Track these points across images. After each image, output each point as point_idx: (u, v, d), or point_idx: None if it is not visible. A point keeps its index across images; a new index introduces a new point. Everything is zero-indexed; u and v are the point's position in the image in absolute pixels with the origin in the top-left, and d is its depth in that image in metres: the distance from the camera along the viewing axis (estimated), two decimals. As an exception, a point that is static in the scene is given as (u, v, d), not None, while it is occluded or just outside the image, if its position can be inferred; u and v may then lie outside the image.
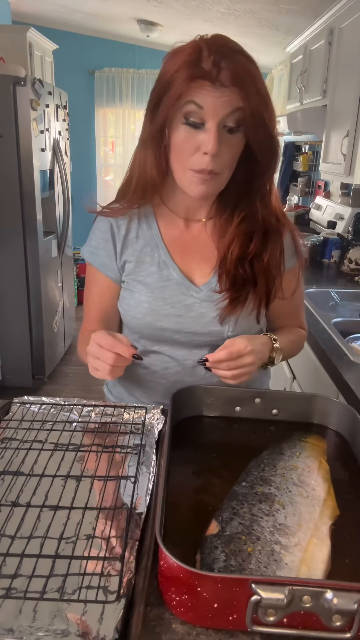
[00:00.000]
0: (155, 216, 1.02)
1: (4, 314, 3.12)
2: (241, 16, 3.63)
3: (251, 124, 0.85)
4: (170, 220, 1.02)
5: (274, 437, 0.91)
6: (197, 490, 0.76)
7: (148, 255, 1.01)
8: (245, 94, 0.82)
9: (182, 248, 1.02)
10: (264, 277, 0.98)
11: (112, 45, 5.85)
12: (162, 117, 0.86)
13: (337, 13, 2.36)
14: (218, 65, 0.80)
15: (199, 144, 0.85)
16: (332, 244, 2.67)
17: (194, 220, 1.02)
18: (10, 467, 0.79)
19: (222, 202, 0.99)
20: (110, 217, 1.01)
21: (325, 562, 0.63)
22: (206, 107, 0.82)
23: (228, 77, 0.80)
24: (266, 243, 0.98)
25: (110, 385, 1.21)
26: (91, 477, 0.77)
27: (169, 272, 1.00)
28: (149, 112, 0.89)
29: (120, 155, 6.38)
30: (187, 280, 1.00)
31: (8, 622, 0.53)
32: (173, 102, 0.83)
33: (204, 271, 1.01)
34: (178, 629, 0.56)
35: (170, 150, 0.90)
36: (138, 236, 1.02)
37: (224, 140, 0.85)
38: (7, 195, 2.91)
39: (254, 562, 0.60)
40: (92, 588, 0.58)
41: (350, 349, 1.53)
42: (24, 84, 2.75)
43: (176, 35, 0.90)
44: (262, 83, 0.85)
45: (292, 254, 1.03)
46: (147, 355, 1.06)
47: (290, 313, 1.11)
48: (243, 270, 0.97)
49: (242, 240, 0.97)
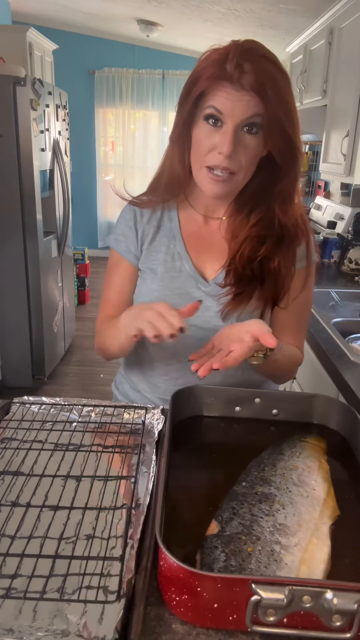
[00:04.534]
0: (177, 210, 1.05)
1: (4, 314, 3.12)
2: (241, 16, 3.63)
3: (269, 131, 0.86)
4: (190, 216, 1.05)
5: (274, 437, 0.91)
6: (197, 490, 0.76)
7: (164, 245, 1.04)
8: (264, 100, 0.83)
9: (197, 243, 1.04)
10: (273, 278, 0.98)
11: (112, 45, 5.86)
12: (186, 113, 0.89)
13: (337, 13, 2.36)
14: (241, 68, 0.81)
15: (215, 143, 0.87)
16: (332, 244, 2.67)
17: (213, 218, 1.04)
18: (10, 467, 0.79)
19: (240, 203, 1.00)
20: (137, 207, 1.04)
21: (325, 562, 0.63)
22: (225, 110, 0.84)
23: (249, 82, 0.82)
24: (279, 249, 0.98)
25: (117, 381, 1.23)
26: (91, 477, 0.77)
27: (182, 264, 1.02)
28: (178, 108, 0.92)
29: (120, 155, 6.38)
30: (198, 274, 1.02)
31: (8, 622, 0.53)
32: (196, 98, 0.86)
33: (215, 267, 1.03)
34: (178, 629, 0.56)
35: (192, 147, 0.92)
36: (159, 226, 1.05)
37: (241, 141, 0.86)
38: (7, 195, 2.91)
39: (254, 562, 0.60)
40: (92, 588, 0.58)
41: (350, 349, 1.53)
42: (24, 84, 2.75)
43: (176, 36, 0.91)
44: (287, 91, 0.86)
45: (303, 256, 1.03)
46: (152, 349, 1.07)
47: (290, 327, 1.06)
48: (251, 270, 0.98)
49: (254, 243, 0.97)
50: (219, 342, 0.86)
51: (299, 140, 0.90)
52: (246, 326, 0.85)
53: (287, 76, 0.86)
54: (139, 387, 1.14)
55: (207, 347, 0.88)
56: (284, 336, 1.05)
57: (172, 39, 5.12)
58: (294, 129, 0.88)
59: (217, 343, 0.87)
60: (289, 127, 0.87)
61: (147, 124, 6.27)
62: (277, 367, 1.01)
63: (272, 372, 1.05)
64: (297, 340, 1.09)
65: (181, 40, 5.09)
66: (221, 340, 0.86)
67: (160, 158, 1.01)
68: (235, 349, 0.82)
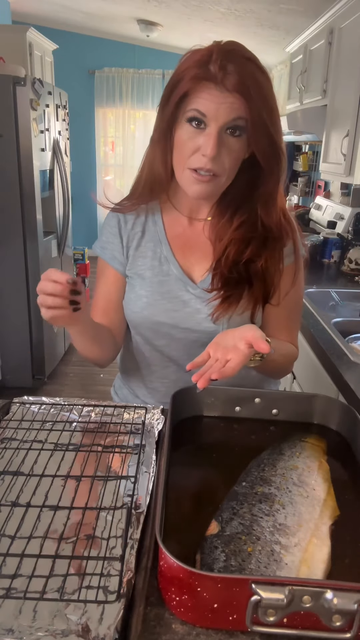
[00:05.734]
0: (161, 213, 1.04)
1: (4, 314, 3.12)
2: (241, 16, 3.64)
3: (253, 132, 0.85)
4: (175, 218, 1.04)
5: (274, 437, 0.91)
6: (197, 490, 0.76)
7: (150, 250, 1.03)
8: (248, 102, 0.82)
9: (183, 245, 1.03)
10: (260, 278, 0.98)
11: (112, 45, 5.86)
12: (168, 114, 0.88)
13: (337, 13, 2.36)
14: (224, 69, 0.81)
15: (199, 145, 0.86)
16: (332, 244, 2.67)
17: (197, 219, 1.03)
18: (10, 467, 0.79)
19: (224, 204, 0.99)
20: (120, 212, 1.04)
21: (325, 562, 0.63)
22: (208, 112, 0.83)
23: (232, 83, 0.81)
24: (264, 249, 0.97)
25: (116, 387, 1.22)
26: (91, 477, 0.77)
27: (169, 268, 1.02)
28: (160, 109, 0.91)
29: (120, 155, 6.38)
30: (186, 277, 1.01)
31: (8, 622, 0.53)
32: (179, 99, 0.85)
33: (202, 269, 1.02)
34: (178, 629, 0.56)
35: (174, 148, 0.91)
36: (144, 231, 1.04)
37: (224, 143, 0.86)
38: (7, 195, 2.91)
39: (254, 562, 0.60)
40: (92, 588, 0.58)
41: (350, 349, 1.53)
42: (24, 84, 2.75)
43: (176, 35, 0.91)
44: (270, 94, 0.86)
45: (290, 252, 1.02)
46: (148, 354, 1.07)
47: (283, 323, 1.06)
48: (237, 273, 0.97)
49: (238, 245, 0.97)
50: (214, 351, 0.84)
51: (281, 141, 0.89)
52: (240, 333, 0.84)
53: (268, 77, 0.86)
54: (137, 392, 1.14)
55: (204, 356, 0.85)
56: (277, 333, 1.04)
57: (172, 39, 5.12)
58: (277, 130, 0.88)
59: (212, 352, 0.84)
60: (272, 128, 0.86)
61: (147, 124, 6.27)
62: (274, 366, 1.02)
63: (270, 370, 1.06)
64: (291, 336, 1.09)
65: (181, 40, 5.09)
66: (216, 349, 0.84)
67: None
68: (232, 358, 0.81)
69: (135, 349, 1.10)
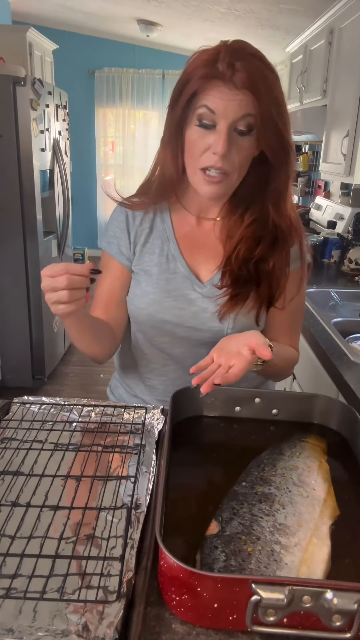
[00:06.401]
0: (169, 211, 1.04)
1: (4, 314, 3.12)
2: (241, 16, 3.63)
3: (262, 129, 0.86)
4: (183, 217, 1.04)
5: (274, 437, 0.91)
6: (197, 490, 0.76)
7: (158, 247, 1.03)
8: (257, 99, 0.83)
9: (191, 244, 1.03)
10: (268, 278, 0.99)
11: (112, 45, 5.86)
12: (178, 114, 0.89)
13: (337, 13, 2.36)
14: (232, 67, 0.82)
15: (209, 144, 0.87)
16: (332, 244, 2.67)
17: (206, 219, 1.04)
18: (10, 467, 0.79)
19: (234, 203, 1.00)
20: (129, 209, 1.04)
21: (325, 562, 0.63)
22: (217, 109, 0.84)
23: (241, 80, 0.82)
24: (274, 249, 0.98)
25: (112, 386, 1.22)
26: (91, 477, 0.77)
27: (176, 266, 1.02)
28: (169, 110, 0.92)
29: (120, 155, 6.38)
30: (193, 275, 1.02)
31: (8, 622, 0.53)
32: (188, 100, 0.86)
33: (210, 268, 1.02)
34: (178, 629, 0.56)
35: (185, 149, 0.92)
36: (152, 228, 1.04)
37: (234, 142, 0.86)
38: (7, 195, 2.91)
39: (254, 562, 0.60)
40: (92, 588, 0.58)
41: (350, 349, 1.53)
42: (24, 84, 2.75)
43: (176, 36, 0.91)
44: (278, 90, 0.86)
45: (297, 257, 1.03)
46: (148, 351, 1.07)
47: (286, 327, 1.07)
48: (247, 271, 0.98)
49: (249, 243, 0.97)
50: (218, 356, 0.85)
51: (290, 136, 0.90)
52: (244, 339, 0.85)
53: (276, 74, 0.87)
54: (135, 390, 1.14)
55: (207, 360, 0.86)
56: (280, 337, 1.05)
57: (172, 39, 5.12)
58: (286, 126, 0.88)
59: (216, 356, 0.86)
60: (281, 124, 0.87)
61: (147, 124, 6.27)
62: (274, 370, 1.02)
63: (270, 374, 1.07)
64: (293, 340, 1.10)
65: (181, 40, 5.09)
66: (220, 354, 0.85)
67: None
68: (235, 364, 0.83)
69: (135, 346, 1.09)
